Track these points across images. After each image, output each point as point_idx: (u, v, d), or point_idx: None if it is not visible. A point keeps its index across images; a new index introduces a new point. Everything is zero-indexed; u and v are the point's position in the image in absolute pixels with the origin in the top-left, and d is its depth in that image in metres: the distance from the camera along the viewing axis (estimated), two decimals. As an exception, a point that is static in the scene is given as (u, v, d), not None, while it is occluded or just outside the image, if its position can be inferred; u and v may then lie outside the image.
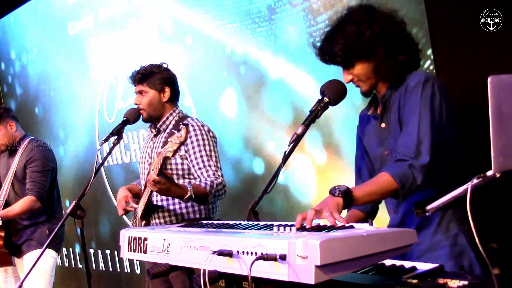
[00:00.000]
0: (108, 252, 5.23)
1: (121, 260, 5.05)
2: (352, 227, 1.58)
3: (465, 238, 1.97)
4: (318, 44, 2.11)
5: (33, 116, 6.04)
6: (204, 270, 1.49)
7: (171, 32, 4.31)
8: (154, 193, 2.96)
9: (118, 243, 2.17)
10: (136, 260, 4.64)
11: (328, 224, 1.67)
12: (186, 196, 2.71)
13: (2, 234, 3.78)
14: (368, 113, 2.20)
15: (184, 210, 3.00)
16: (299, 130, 1.95)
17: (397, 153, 1.93)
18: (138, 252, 2.01)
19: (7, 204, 3.88)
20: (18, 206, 3.74)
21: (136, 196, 3.11)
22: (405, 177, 1.85)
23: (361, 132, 2.27)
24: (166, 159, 2.63)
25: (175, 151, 2.57)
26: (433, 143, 1.88)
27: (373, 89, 2.11)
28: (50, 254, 3.76)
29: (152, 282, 3.17)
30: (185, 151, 2.94)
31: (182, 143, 2.56)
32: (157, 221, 3.02)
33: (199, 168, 2.92)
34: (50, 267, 3.79)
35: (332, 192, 1.81)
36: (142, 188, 3.11)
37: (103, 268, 5.31)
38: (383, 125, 2.11)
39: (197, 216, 3.01)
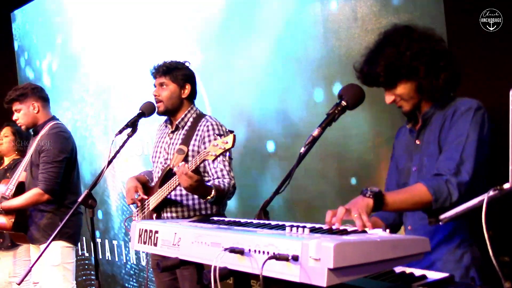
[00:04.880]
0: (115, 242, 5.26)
1: (128, 251, 5.08)
2: (365, 231, 1.58)
3: (471, 260, 1.97)
4: (359, 67, 2.11)
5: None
6: (215, 267, 1.50)
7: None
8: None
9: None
10: (143, 252, 4.66)
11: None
12: (209, 197, 2.75)
13: (12, 218, 3.75)
14: (406, 126, 2.20)
15: (197, 206, 3.02)
16: (315, 132, 1.95)
17: (437, 168, 1.92)
18: (148, 244, 2.02)
19: (23, 186, 3.86)
20: (23, 198, 3.69)
21: (144, 186, 3.13)
22: (440, 190, 1.84)
23: (396, 144, 2.29)
24: (205, 161, 2.68)
25: (218, 156, 2.60)
26: (475, 166, 1.88)
27: (416, 108, 2.10)
28: (62, 244, 3.67)
29: (156, 272, 3.20)
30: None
31: (227, 150, 2.57)
32: (169, 214, 3.04)
33: (215, 167, 2.94)
34: (64, 258, 3.70)
35: (363, 192, 1.80)
36: (155, 180, 3.13)
37: (109, 258, 5.34)
38: (417, 142, 2.11)
39: (209, 212, 3.03)
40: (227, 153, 2.92)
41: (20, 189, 3.85)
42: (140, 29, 4.82)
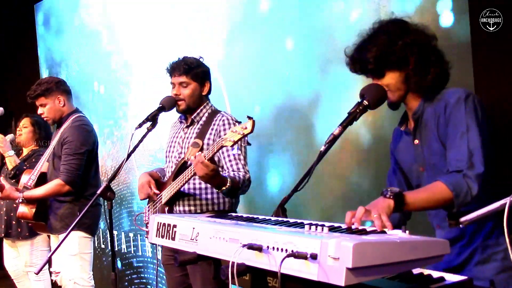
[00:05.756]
0: (132, 235, 5.31)
1: (142, 244, 5.12)
2: (384, 232, 1.57)
3: (509, 241, 1.95)
4: (349, 53, 2.12)
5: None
6: (233, 263, 1.50)
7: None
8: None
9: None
10: (159, 245, 4.68)
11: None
12: (224, 188, 2.75)
13: (34, 208, 3.83)
14: (400, 128, 2.20)
15: (210, 201, 3.03)
16: (336, 131, 1.95)
17: (449, 166, 1.92)
18: (166, 238, 2.03)
19: (44, 176, 3.92)
20: (44, 189, 3.75)
21: (156, 182, 3.14)
22: (459, 186, 1.83)
23: (393, 147, 2.28)
24: (222, 147, 2.66)
25: (236, 142, 2.59)
26: (484, 154, 1.87)
27: (401, 101, 2.10)
28: (80, 235, 3.74)
29: (167, 268, 3.20)
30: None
31: (245, 136, 2.56)
32: (181, 208, 3.04)
33: (230, 160, 2.95)
34: (82, 248, 3.76)
35: (383, 193, 1.80)
36: (168, 175, 3.14)
37: (125, 251, 5.39)
38: (416, 141, 2.11)
39: (221, 208, 3.03)
40: (243, 145, 2.93)
41: (42, 179, 3.92)
42: (154, 24, 4.83)
